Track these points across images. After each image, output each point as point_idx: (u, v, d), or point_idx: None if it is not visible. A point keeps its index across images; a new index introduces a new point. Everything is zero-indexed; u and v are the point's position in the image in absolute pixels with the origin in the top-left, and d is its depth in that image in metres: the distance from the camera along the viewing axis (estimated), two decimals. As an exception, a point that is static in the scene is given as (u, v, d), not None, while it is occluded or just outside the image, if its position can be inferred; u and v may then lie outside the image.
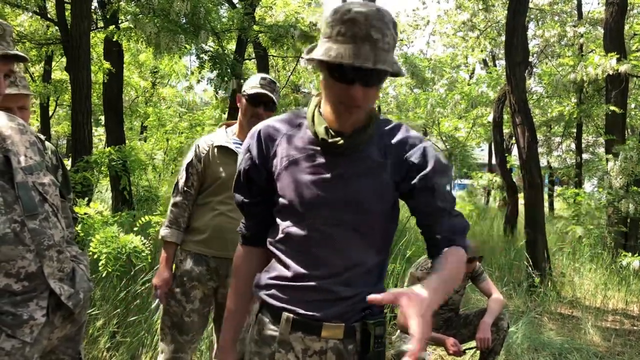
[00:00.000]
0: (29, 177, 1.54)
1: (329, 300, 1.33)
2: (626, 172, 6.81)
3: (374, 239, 1.38)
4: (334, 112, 1.33)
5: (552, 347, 4.29)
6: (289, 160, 1.38)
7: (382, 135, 1.39)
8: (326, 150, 1.36)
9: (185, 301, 2.46)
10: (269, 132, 1.43)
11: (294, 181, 1.36)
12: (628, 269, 6.38)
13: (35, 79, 12.40)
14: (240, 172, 1.47)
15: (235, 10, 8.62)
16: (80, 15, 6.18)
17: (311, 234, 1.35)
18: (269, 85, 2.49)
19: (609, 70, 7.12)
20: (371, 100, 1.31)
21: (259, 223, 1.50)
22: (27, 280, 1.48)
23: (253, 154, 1.43)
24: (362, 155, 1.36)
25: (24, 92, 2.21)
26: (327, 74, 1.28)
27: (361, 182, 1.34)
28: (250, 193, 1.48)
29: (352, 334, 1.35)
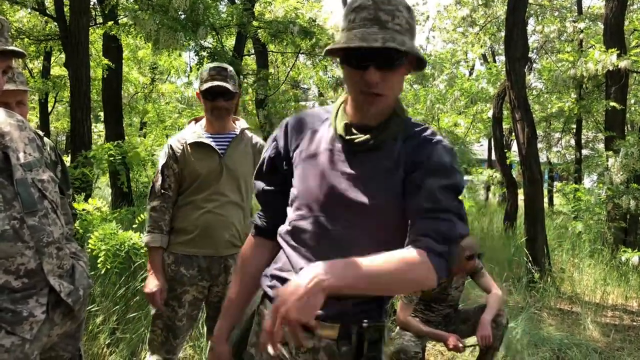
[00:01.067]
0: (28, 173, 1.53)
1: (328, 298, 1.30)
2: (627, 168, 6.80)
3: (382, 243, 1.29)
4: (356, 104, 1.32)
5: (552, 343, 4.30)
6: (307, 154, 1.38)
7: (409, 137, 1.34)
8: (346, 148, 1.34)
9: (177, 306, 2.43)
10: (296, 125, 1.44)
11: (308, 175, 1.36)
12: (628, 265, 6.39)
13: (34, 75, 12.37)
14: (264, 160, 1.48)
15: (234, 6, 8.61)
16: (79, 11, 6.17)
17: (318, 231, 1.33)
18: (219, 75, 2.41)
19: (609, 66, 7.10)
20: (392, 86, 1.28)
21: (274, 215, 1.48)
22: (27, 277, 1.47)
23: (279, 143, 1.45)
24: (382, 154, 1.32)
25: (22, 88, 2.20)
26: (344, 64, 1.28)
27: (376, 184, 1.31)
28: (272, 181, 1.48)
29: (347, 336, 1.31)
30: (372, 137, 1.31)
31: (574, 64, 7.95)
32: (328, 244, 1.32)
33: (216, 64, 2.49)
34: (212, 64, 2.50)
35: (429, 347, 3.99)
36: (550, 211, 13.08)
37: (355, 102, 1.32)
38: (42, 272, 1.50)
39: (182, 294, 2.43)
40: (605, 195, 7.43)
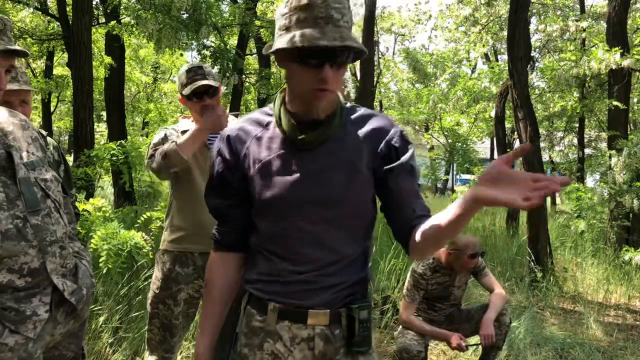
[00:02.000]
0: (31, 172, 1.54)
1: (314, 290, 1.35)
2: (630, 167, 6.79)
3: (356, 230, 1.39)
4: (304, 101, 1.33)
5: (555, 342, 4.29)
6: (261, 162, 1.37)
7: (352, 123, 1.39)
8: (296, 148, 1.35)
9: (173, 304, 2.43)
10: (238, 135, 1.42)
11: (268, 183, 1.36)
12: (630, 264, 6.37)
13: (36, 74, 12.41)
14: (213, 176, 1.46)
15: (236, 5, 8.62)
16: (81, 11, 6.18)
17: (292, 234, 1.35)
18: (198, 74, 2.41)
19: (612, 64, 7.08)
20: (339, 82, 1.31)
21: (234, 227, 1.48)
22: (30, 276, 1.48)
23: (225, 156, 1.43)
24: (334, 147, 1.35)
25: (25, 87, 2.21)
26: (294, 63, 1.28)
27: (336, 175, 1.34)
28: (225, 195, 1.45)
29: (337, 320, 1.37)
30: (322, 130, 1.34)
31: (577, 63, 7.93)
32: (306, 243, 1.35)
33: (189, 65, 2.50)
34: (185, 67, 2.49)
35: (431, 346, 3.99)
36: (552, 210, 13.07)
37: (304, 98, 1.33)
38: (46, 271, 1.50)
39: (177, 292, 2.42)
40: (608, 194, 7.41)
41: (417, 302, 3.33)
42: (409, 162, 1.37)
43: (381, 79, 18.53)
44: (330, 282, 1.35)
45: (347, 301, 1.37)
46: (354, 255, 1.39)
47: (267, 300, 1.37)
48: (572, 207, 9.76)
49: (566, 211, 11.47)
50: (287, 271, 1.36)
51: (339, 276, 1.36)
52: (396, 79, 20.39)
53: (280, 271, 1.36)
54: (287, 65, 1.32)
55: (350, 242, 1.38)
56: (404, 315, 3.29)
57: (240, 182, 1.41)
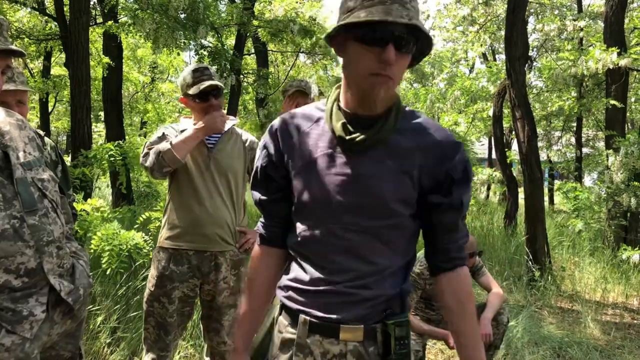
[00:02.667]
0: (28, 172, 1.54)
1: (348, 303, 1.27)
2: (627, 166, 6.80)
3: (397, 243, 1.30)
4: (364, 89, 1.23)
5: (552, 341, 4.30)
6: (306, 160, 1.31)
7: (410, 129, 1.29)
8: (345, 149, 1.27)
9: (168, 302, 2.43)
10: (286, 128, 1.37)
11: (310, 182, 1.30)
12: (628, 263, 6.39)
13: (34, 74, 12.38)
14: (258, 169, 1.42)
15: (234, 5, 8.61)
16: (79, 11, 6.16)
17: (329, 240, 1.28)
18: (204, 75, 2.44)
19: (609, 64, 7.10)
20: (400, 72, 1.22)
21: (278, 222, 1.43)
22: (27, 276, 1.47)
23: (270, 150, 1.38)
24: (385, 152, 1.26)
25: (22, 87, 2.21)
26: (355, 43, 1.20)
27: (383, 184, 1.25)
28: (268, 190, 1.41)
29: (372, 336, 1.28)
30: (374, 133, 1.25)
31: (574, 63, 7.95)
32: (342, 252, 1.28)
33: (195, 65, 2.51)
34: (191, 67, 2.51)
35: (429, 346, 3.99)
36: (550, 209, 13.09)
37: (362, 87, 1.23)
38: (42, 271, 1.50)
39: (171, 290, 2.43)
40: (606, 193, 7.43)
41: (414, 301, 3.33)
42: (461, 198, 1.29)
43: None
44: (366, 295, 1.27)
45: (383, 316, 1.28)
46: (393, 268, 1.30)
47: (298, 312, 1.31)
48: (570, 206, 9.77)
49: (564, 210, 11.49)
50: (321, 280, 1.29)
51: (376, 289, 1.27)
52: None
53: (313, 279, 1.30)
54: (346, 49, 1.24)
55: (390, 255, 1.30)
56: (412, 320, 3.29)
57: (283, 178, 1.37)
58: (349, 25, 1.19)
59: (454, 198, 1.29)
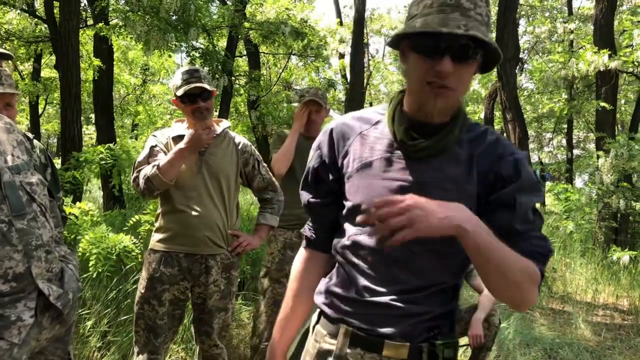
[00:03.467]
0: (16, 176, 1.52)
1: (394, 317, 1.20)
2: (617, 168, 6.85)
3: (452, 259, 1.22)
4: (420, 97, 1.18)
5: (544, 343, 4.32)
6: (361, 162, 1.26)
7: (472, 140, 1.23)
8: (405, 154, 1.22)
9: (158, 305, 2.42)
10: (343, 130, 1.32)
11: (365, 185, 1.24)
12: (618, 264, 6.43)
13: (24, 77, 12.32)
14: (309, 170, 1.38)
15: (225, 7, 8.59)
16: (69, 13, 6.13)
17: (380, 248, 1.21)
18: (193, 77, 2.43)
19: (600, 66, 7.15)
20: (463, 82, 1.16)
21: (325, 226, 1.39)
22: (15, 280, 1.46)
23: (323, 151, 1.34)
24: (445, 162, 1.21)
25: (10, 90, 2.19)
26: (413, 52, 1.16)
27: (443, 192, 1.17)
28: (318, 193, 1.37)
29: (418, 355, 1.20)
30: (437, 140, 1.19)
31: (565, 65, 8.00)
32: (393, 261, 1.21)
33: (186, 67, 2.51)
34: (182, 69, 2.51)
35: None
36: (542, 211, 13.15)
37: (419, 96, 1.19)
38: (31, 276, 1.49)
39: (162, 293, 2.42)
40: (596, 195, 7.47)
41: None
42: (513, 194, 1.17)
43: (371, 80, 18.57)
44: (414, 310, 1.20)
45: (430, 335, 1.21)
46: (444, 285, 1.23)
47: (338, 321, 1.25)
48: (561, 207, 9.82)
49: (555, 212, 11.55)
50: (368, 289, 1.22)
51: (424, 305, 1.21)
52: (386, 81, 20.46)
53: (359, 288, 1.23)
54: (407, 56, 1.20)
55: (443, 271, 1.23)
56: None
57: (335, 181, 1.32)
58: (406, 35, 1.16)
59: (503, 196, 1.18)
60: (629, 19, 8.04)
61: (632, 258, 6.17)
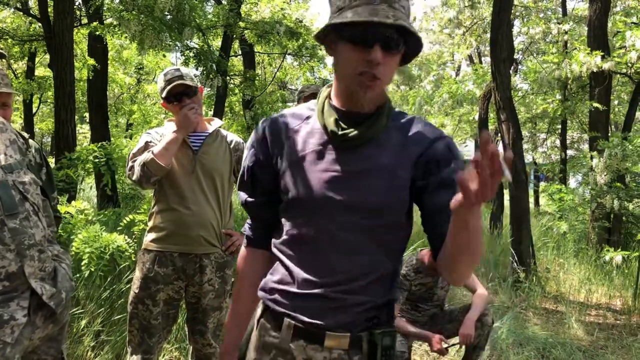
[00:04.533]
0: (9, 175, 1.52)
1: (335, 308, 1.24)
2: (611, 169, 6.88)
3: (388, 245, 1.28)
4: (351, 88, 1.23)
5: (537, 342, 4.33)
6: (296, 157, 1.29)
7: (399, 128, 1.29)
8: (337, 145, 1.26)
9: (152, 305, 2.42)
10: (275, 127, 1.35)
11: (301, 179, 1.27)
12: (611, 264, 6.46)
13: (18, 75, 12.27)
14: (245, 169, 1.40)
15: (220, 6, 8.59)
16: (63, 12, 6.12)
17: (319, 237, 1.25)
18: (174, 77, 2.44)
19: (593, 67, 7.18)
20: (389, 72, 1.22)
21: (265, 224, 1.41)
22: (8, 280, 1.46)
23: (258, 150, 1.36)
24: (375, 150, 1.26)
25: (6, 90, 2.18)
26: (343, 43, 1.20)
27: (376, 179, 1.23)
28: (254, 192, 1.40)
29: (358, 345, 1.25)
30: (366, 129, 1.24)
31: (559, 66, 8.03)
32: (332, 250, 1.25)
33: (167, 69, 2.52)
34: (164, 71, 2.52)
35: (415, 347, 4.00)
36: (536, 211, 13.19)
37: (349, 86, 1.23)
38: (24, 275, 1.49)
39: (156, 292, 2.42)
40: (590, 195, 7.50)
41: (400, 302, 3.34)
42: (450, 176, 1.23)
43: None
44: (354, 301, 1.24)
45: (370, 324, 1.26)
46: (383, 272, 1.27)
47: (282, 315, 1.29)
48: (555, 208, 9.87)
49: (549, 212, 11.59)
50: (309, 282, 1.25)
51: (365, 294, 1.25)
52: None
53: (300, 281, 1.26)
54: (336, 49, 1.24)
55: (382, 257, 1.27)
56: (400, 324, 3.30)
57: (271, 179, 1.34)
58: (337, 25, 1.20)
59: (443, 176, 1.24)
60: (622, 20, 8.07)
61: (624, 258, 6.20)
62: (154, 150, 2.35)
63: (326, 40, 1.27)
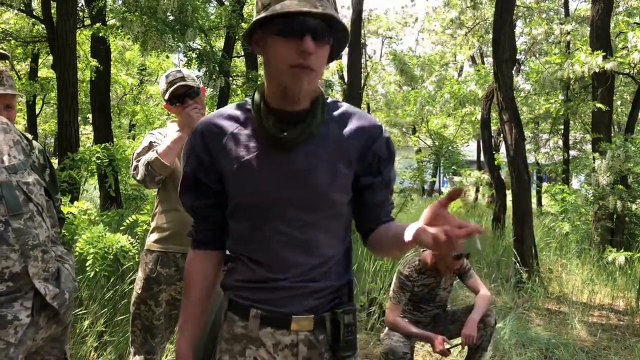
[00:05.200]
0: (13, 176, 1.53)
1: (298, 296, 1.31)
2: (613, 170, 6.87)
3: (336, 231, 1.36)
4: (285, 83, 1.23)
5: (540, 343, 4.33)
6: (239, 161, 1.30)
7: (336, 121, 1.34)
8: (278, 146, 1.28)
9: (155, 305, 2.43)
10: (213, 132, 1.34)
11: (246, 183, 1.30)
12: (614, 265, 6.44)
13: (21, 76, 12.30)
14: (187, 174, 1.39)
15: (223, 7, 8.60)
16: (66, 13, 6.13)
17: (273, 236, 1.30)
18: (177, 78, 2.45)
19: (594, 67, 7.17)
20: (322, 62, 1.24)
21: (211, 226, 1.42)
22: (12, 280, 1.47)
23: (199, 154, 1.35)
24: (316, 145, 1.29)
25: (10, 92, 2.19)
26: (273, 37, 1.22)
27: (319, 176, 1.28)
28: (198, 195, 1.39)
29: (322, 325, 1.33)
30: (304, 128, 1.27)
31: (561, 66, 8.01)
32: (287, 247, 1.30)
33: (169, 71, 2.52)
34: (165, 73, 2.53)
35: (417, 347, 4.00)
36: (538, 212, 13.18)
37: (283, 81, 1.23)
38: (27, 276, 1.49)
39: (159, 293, 2.43)
40: (592, 196, 7.49)
41: (403, 303, 3.34)
42: (389, 175, 1.37)
43: (369, 81, 18.59)
44: (315, 287, 1.31)
45: (331, 305, 1.33)
46: (337, 257, 1.35)
47: (249, 306, 1.32)
48: (558, 208, 9.85)
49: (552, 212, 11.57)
50: (269, 278, 1.30)
51: (324, 281, 1.32)
52: (383, 82, 20.47)
53: (262, 278, 1.31)
54: (265, 44, 1.25)
55: (332, 244, 1.34)
56: (390, 317, 3.31)
57: (215, 182, 1.35)
58: (266, 20, 1.21)
59: (384, 176, 1.36)
60: (624, 20, 8.06)
61: (627, 259, 6.19)
62: (158, 149, 2.36)
63: (253, 38, 1.28)
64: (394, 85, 19.63)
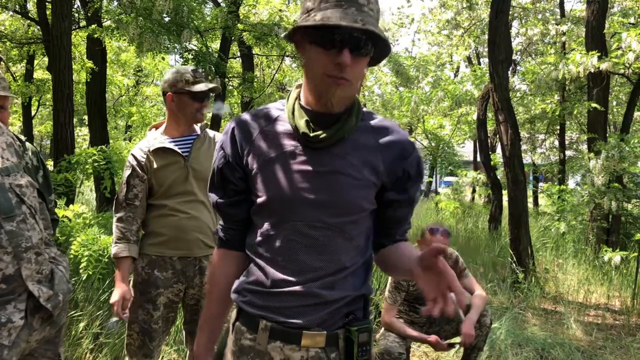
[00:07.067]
0: (6, 178, 1.52)
1: (310, 306, 1.25)
2: (608, 170, 6.89)
3: (359, 240, 1.32)
4: (320, 89, 1.24)
5: (535, 343, 4.33)
6: (266, 158, 1.29)
7: (370, 129, 1.32)
8: (307, 146, 1.27)
9: (152, 309, 2.42)
10: (244, 128, 1.34)
11: (272, 180, 1.28)
12: (610, 265, 6.46)
13: (16, 78, 12.26)
14: (215, 171, 1.39)
15: (219, 8, 8.60)
16: (61, 15, 6.12)
17: (292, 237, 1.27)
18: (203, 76, 2.46)
19: (590, 68, 7.19)
20: (359, 74, 1.23)
21: (237, 226, 1.41)
22: (5, 282, 1.46)
23: (227, 151, 1.35)
24: (346, 149, 1.28)
25: (2, 93, 2.19)
26: (312, 45, 1.21)
27: (346, 180, 1.26)
28: (225, 193, 1.38)
29: (334, 342, 1.27)
30: (336, 130, 1.26)
31: (557, 67, 8.04)
32: (306, 250, 1.26)
33: (189, 66, 2.51)
34: (189, 67, 2.52)
35: (413, 348, 4.01)
36: (535, 212, 13.20)
37: (318, 87, 1.24)
38: (21, 278, 1.49)
39: (156, 297, 2.42)
40: (588, 196, 7.51)
41: (398, 303, 3.35)
42: (415, 194, 1.36)
43: (365, 82, 18.59)
44: (330, 298, 1.26)
45: (345, 321, 1.28)
46: (354, 267, 1.31)
47: (258, 317, 1.28)
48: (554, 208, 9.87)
49: (548, 212, 11.60)
50: (283, 281, 1.26)
51: (339, 290, 1.27)
52: (380, 83, 20.49)
53: (275, 281, 1.27)
54: (305, 49, 1.25)
55: (351, 252, 1.30)
56: (386, 317, 3.31)
57: (241, 180, 1.35)
58: (305, 28, 1.20)
59: (410, 195, 1.35)
60: (619, 21, 8.08)
61: (623, 258, 6.21)
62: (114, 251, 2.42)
63: (295, 38, 1.27)
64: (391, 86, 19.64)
